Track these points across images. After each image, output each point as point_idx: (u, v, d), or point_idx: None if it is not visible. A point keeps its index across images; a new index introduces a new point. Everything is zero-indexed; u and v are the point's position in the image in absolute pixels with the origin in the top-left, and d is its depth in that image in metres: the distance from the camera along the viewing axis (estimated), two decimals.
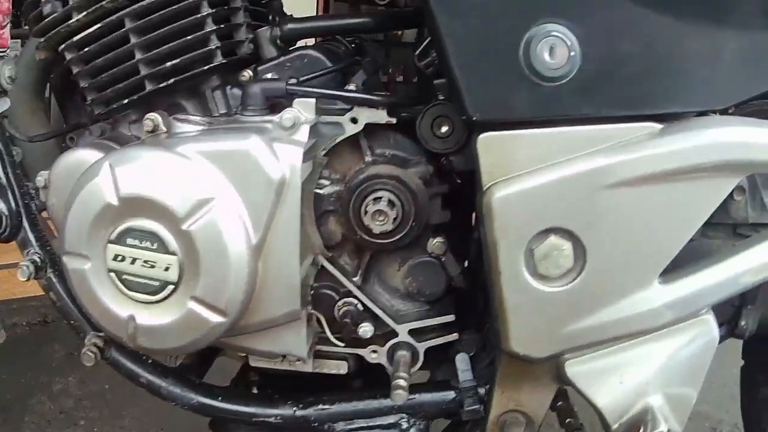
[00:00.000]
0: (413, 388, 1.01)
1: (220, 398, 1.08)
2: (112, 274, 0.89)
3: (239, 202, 0.87)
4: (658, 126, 0.83)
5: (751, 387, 1.32)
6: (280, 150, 0.87)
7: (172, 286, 0.87)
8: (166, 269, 0.87)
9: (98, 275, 0.90)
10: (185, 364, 1.13)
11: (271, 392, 1.15)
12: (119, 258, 0.88)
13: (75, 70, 1.02)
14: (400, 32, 1.38)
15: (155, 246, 0.87)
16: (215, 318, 0.88)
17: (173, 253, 0.86)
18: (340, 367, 1.06)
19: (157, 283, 0.88)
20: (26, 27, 1.11)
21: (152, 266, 0.87)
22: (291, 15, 1.18)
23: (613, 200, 0.82)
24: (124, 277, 0.89)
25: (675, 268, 0.86)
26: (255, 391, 1.17)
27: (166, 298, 0.88)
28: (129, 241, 0.87)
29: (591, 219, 0.83)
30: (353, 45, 1.19)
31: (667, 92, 0.82)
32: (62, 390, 2.29)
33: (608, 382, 0.88)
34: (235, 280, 0.86)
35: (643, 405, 0.87)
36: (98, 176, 0.87)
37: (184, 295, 0.88)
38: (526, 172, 0.83)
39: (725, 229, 0.98)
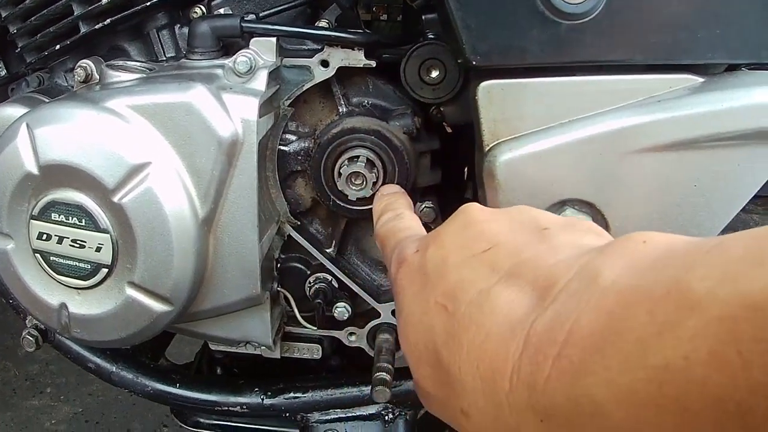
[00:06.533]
0: (398, 374, 0.87)
1: (177, 384, 0.94)
2: (38, 256, 0.74)
3: (182, 167, 0.71)
4: (699, 79, 0.68)
5: None
6: (230, 101, 0.71)
7: (105, 270, 0.72)
8: (98, 249, 0.72)
9: (22, 257, 0.76)
10: (138, 344, 0.99)
11: (237, 374, 1.02)
12: (44, 237, 0.73)
13: (3, 13, 0.87)
14: None
15: (83, 222, 0.71)
16: (159, 307, 0.73)
17: (105, 231, 0.71)
18: (313, 351, 0.92)
19: (88, 266, 0.73)
20: None
21: (82, 246, 0.72)
22: None
23: (643, 168, 0.67)
24: (52, 258, 0.74)
25: None
26: (219, 371, 1.03)
27: (100, 283, 0.74)
28: (54, 216, 0.72)
29: (616, 190, 0.68)
30: None
31: (714, 38, 0.66)
32: (28, 354, 2.18)
33: None
34: (179, 262, 0.71)
35: None
36: (15, 139, 0.71)
37: (120, 281, 0.73)
38: (537, 130, 0.68)
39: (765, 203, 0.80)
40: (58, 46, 0.85)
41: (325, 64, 0.78)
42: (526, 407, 0.40)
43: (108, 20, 0.81)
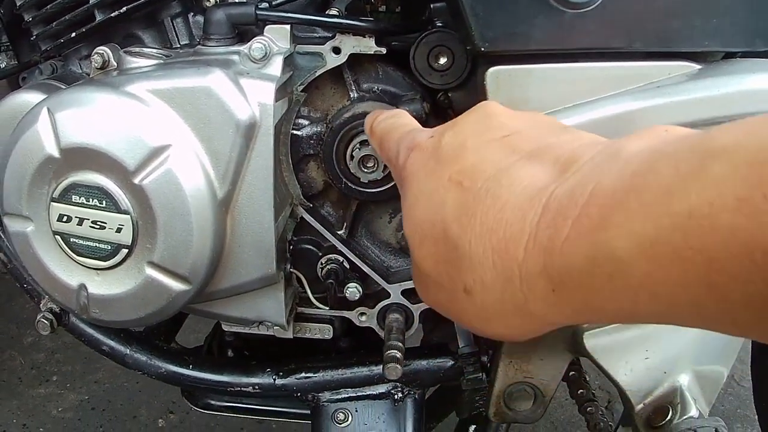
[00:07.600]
0: (407, 354, 0.90)
1: (190, 366, 0.97)
2: (58, 237, 0.76)
3: (201, 150, 0.73)
4: (696, 66, 0.70)
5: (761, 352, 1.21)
6: (248, 86, 0.73)
7: (125, 250, 0.75)
8: (118, 230, 0.74)
9: (42, 239, 0.77)
10: (151, 327, 1.02)
11: (248, 356, 1.05)
12: (64, 218, 0.75)
13: (18, 1, 0.89)
14: None
15: (104, 204, 0.73)
16: (177, 286, 0.76)
17: (125, 212, 0.73)
18: (324, 332, 0.94)
19: (108, 247, 0.75)
20: None
21: (102, 227, 0.74)
22: None
23: None
24: (72, 240, 0.76)
25: None
26: (230, 353, 1.05)
27: (119, 263, 0.76)
28: (74, 198, 0.74)
29: None
30: None
31: (709, 27, 0.68)
32: (33, 343, 2.18)
33: (632, 356, 0.76)
34: (198, 241, 0.73)
35: (671, 384, 0.76)
36: (36, 124, 0.73)
37: (140, 261, 0.75)
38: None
39: None
40: (73, 34, 0.87)
41: (336, 50, 0.80)
42: (540, 274, 0.38)
43: (124, 8, 0.83)
